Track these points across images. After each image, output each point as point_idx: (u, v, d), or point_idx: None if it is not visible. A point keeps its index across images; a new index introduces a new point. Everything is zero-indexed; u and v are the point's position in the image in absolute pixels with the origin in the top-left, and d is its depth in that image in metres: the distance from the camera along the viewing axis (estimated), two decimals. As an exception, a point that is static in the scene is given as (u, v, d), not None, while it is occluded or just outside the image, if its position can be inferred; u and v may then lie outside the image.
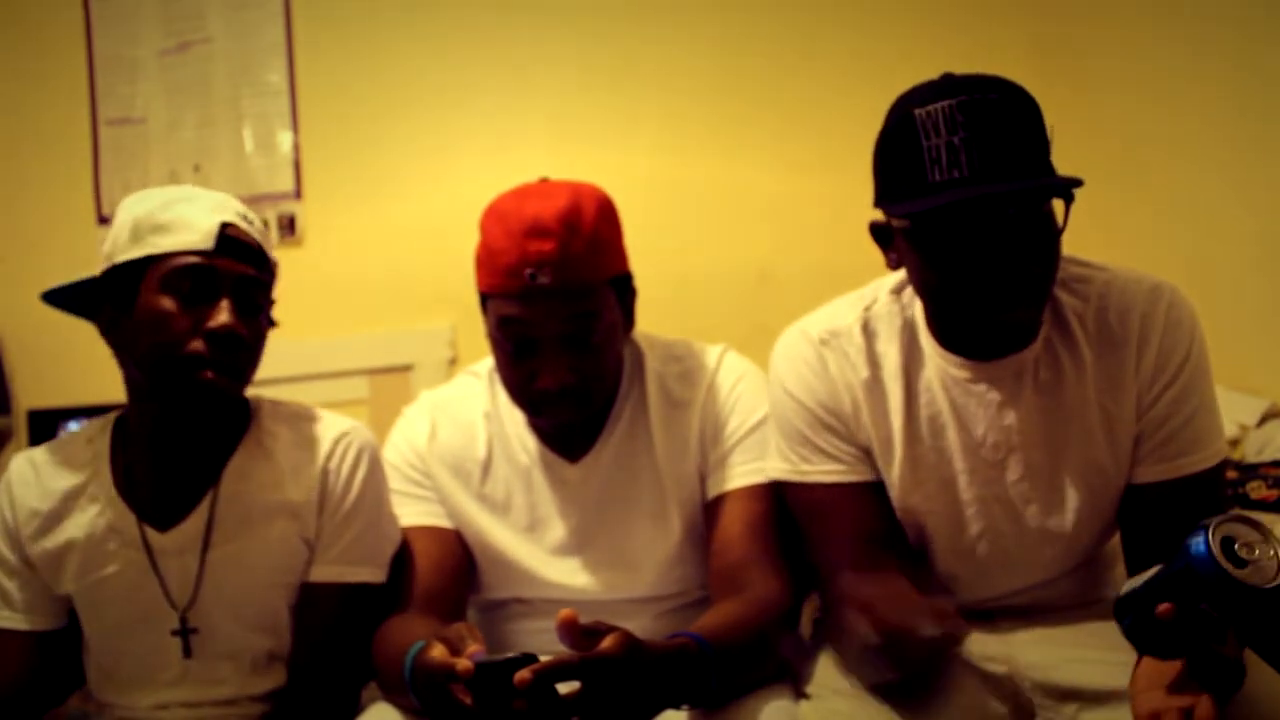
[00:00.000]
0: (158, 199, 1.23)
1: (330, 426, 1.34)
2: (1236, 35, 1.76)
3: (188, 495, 1.27)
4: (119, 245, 1.22)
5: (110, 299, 1.23)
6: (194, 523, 1.26)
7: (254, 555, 1.27)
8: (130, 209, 1.23)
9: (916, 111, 1.08)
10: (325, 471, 1.30)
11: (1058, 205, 1.12)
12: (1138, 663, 1.00)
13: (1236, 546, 0.85)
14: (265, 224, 1.30)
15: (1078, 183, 1.07)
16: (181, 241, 1.20)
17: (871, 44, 2.34)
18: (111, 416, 1.33)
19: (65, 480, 1.28)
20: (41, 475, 1.29)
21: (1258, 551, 0.85)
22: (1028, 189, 1.07)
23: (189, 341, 1.19)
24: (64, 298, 1.26)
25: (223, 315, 1.19)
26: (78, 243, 2.45)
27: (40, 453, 1.32)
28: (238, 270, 1.22)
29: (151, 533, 1.26)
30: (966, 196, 1.04)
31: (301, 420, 1.34)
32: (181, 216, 1.21)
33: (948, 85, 1.09)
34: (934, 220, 1.09)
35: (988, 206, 1.06)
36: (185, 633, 1.26)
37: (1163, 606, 0.88)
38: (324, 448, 1.31)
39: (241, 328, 1.21)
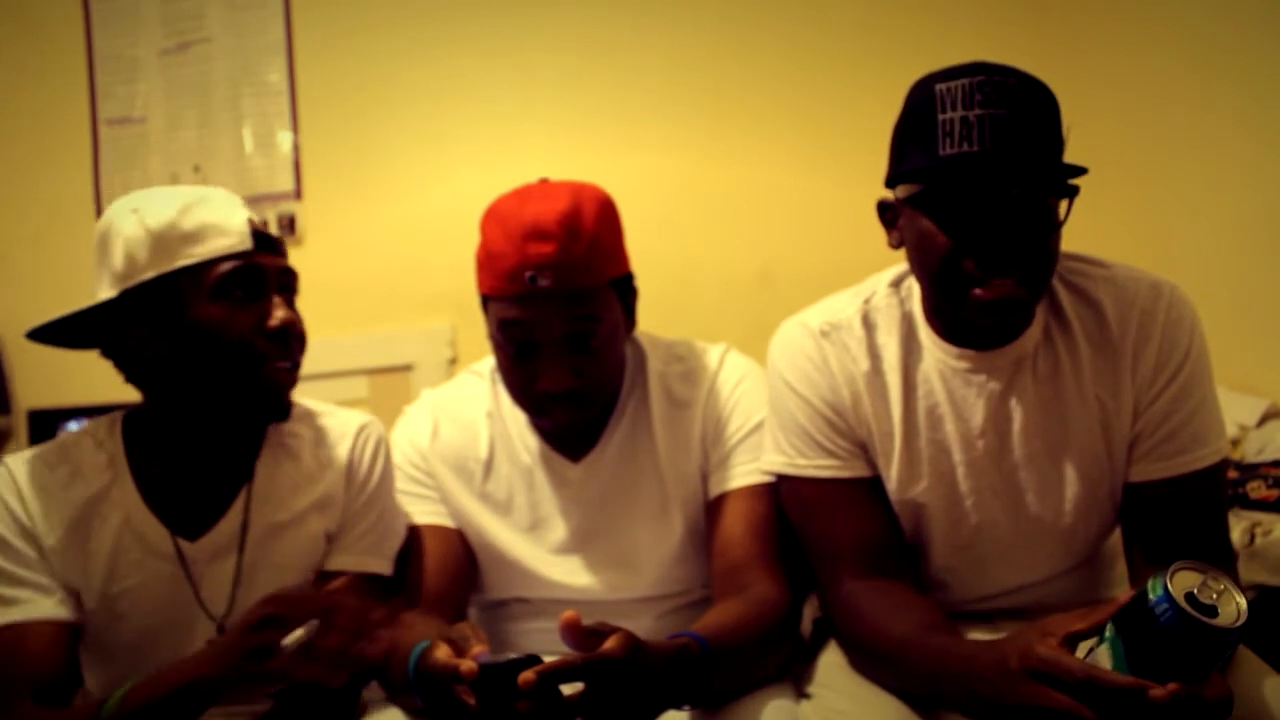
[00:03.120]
0: (169, 208, 1.18)
1: (349, 420, 1.35)
2: (1244, 27, 1.76)
3: (214, 502, 1.26)
4: (139, 263, 1.17)
5: (141, 319, 1.19)
6: (225, 529, 1.25)
7: (285, 557, 1.27)
8: (138, 223, 1.18)
9: (937, 86, 1.10)
10: (350, 464, 1.31)
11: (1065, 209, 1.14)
12: None
13: (1198, 595, 0.84)
14: (265, 224, 1.29)
15: (1083, 170, 1.08)
16: (220, 246, 1.18)
17: (874, 45, 2.35)
18: (117, 418, 1.30)
19: (83, 488, 1.24)
20: (57, 482, 1.25)
21: (1214, 592, 0.84)
22: (1037, 169, 1.08)
23: (256, 342, 1.19)
24: (57, 331, 1.22)
25: (280, 311, 1.21)
26: (77, 243, 2.44)
27: (45, 457, 1.27)
28: (277, 264, 1.23)
29: (181, 541, 1.24)
30: (973, 163, 1.06)
31: (319, 417, 1.35)
32: (208, 221, 1.18)
33: (972, 66, 1.10)
34: (941, 184, 1.11)
35: (994, 179, 1.08)
36: None
37: (1172, 688, 0.84)
38: (347, 441, 1.32)
39: (296, 320, 1.23)
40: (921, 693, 1.13)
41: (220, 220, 1.19)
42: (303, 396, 1.38)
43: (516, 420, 1.42)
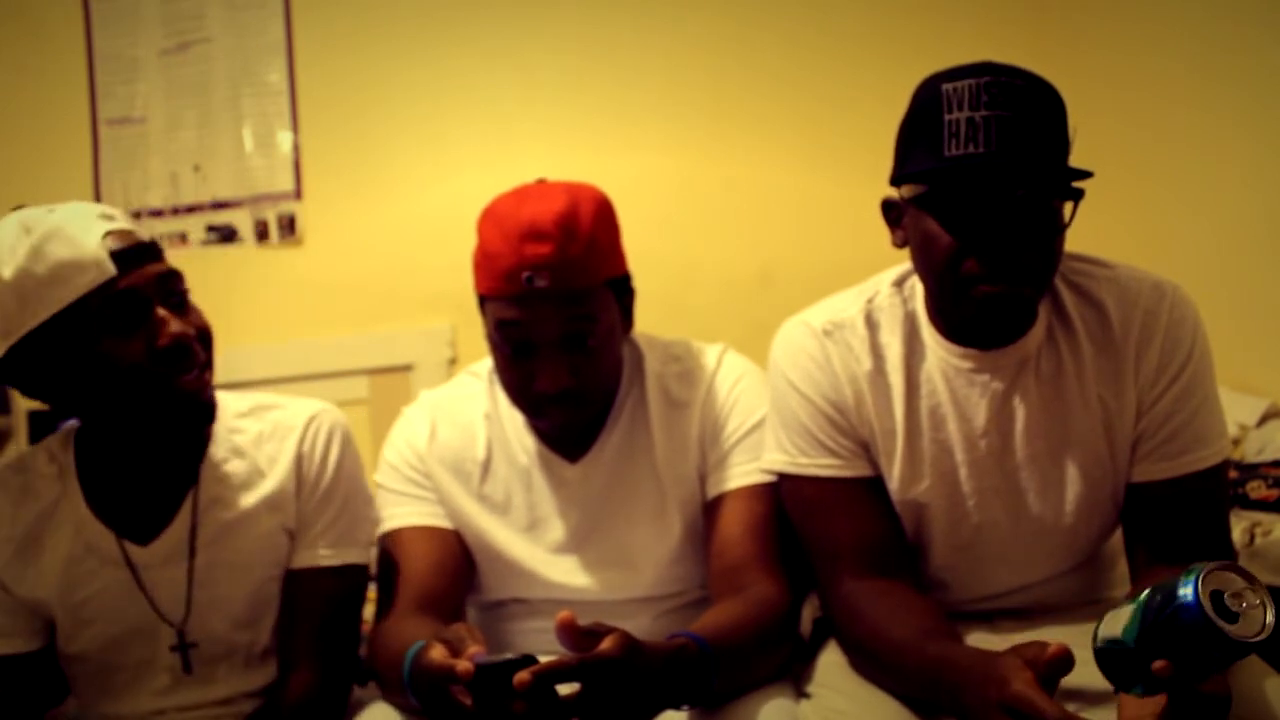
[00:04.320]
0: (19, 254, 1.10)
1: (298, 411, 1.32)
2: (1244, 27, 1.76)
3: (163, 506, 1.26)
4: (11, 317, 1.11)
5: (35, 372, 1.16)
6: (175, 532, 1.25)
7: (242, 555, 1.26)
8: None
9: (944, 86, 1.09)
10: (299, 457, 1.29)
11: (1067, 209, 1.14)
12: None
13: (1226, 598, 0.83)
14: (265, 224, 1.29)
15: (1089, 174, 1.08)
16: (82, 284, 1.10)
17: (874, 45, 2.35)
18: (70, 430, 1.30)
19: (34, 503, 1.25)
20: (8, 499, 1.25)
21: (1245, 602, 0.84)
22: (1042, 171, 1.08)
23: (151, 366, 1.15)
24: None
25: (171, 326, 1.15)
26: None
27: (1, 474, 1.28)
28: (152, 274, 1.16)
29: (132, 548, 1.24)
30: (977, 162, 1.06)
31: (266, 410, 1.32)
32: (61, 258, 1.10)
33: (980, 66, 1.10)
34: (946, 184, 1.11)
35: (1000, 180, 1.08)
36: (184, 648, 1.25)
37: (1159, 665, 0.86)
38: (295, 433, 1.30)
39: (188, 326, 1.17)
40: (920, 696, 1.13)
41: (72, 255, 1.10)
42: (302, 396, 1.38)
43: (514, 421, 1.42)
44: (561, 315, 1.26)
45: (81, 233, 1.13)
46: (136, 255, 1.15)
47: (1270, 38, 1.69)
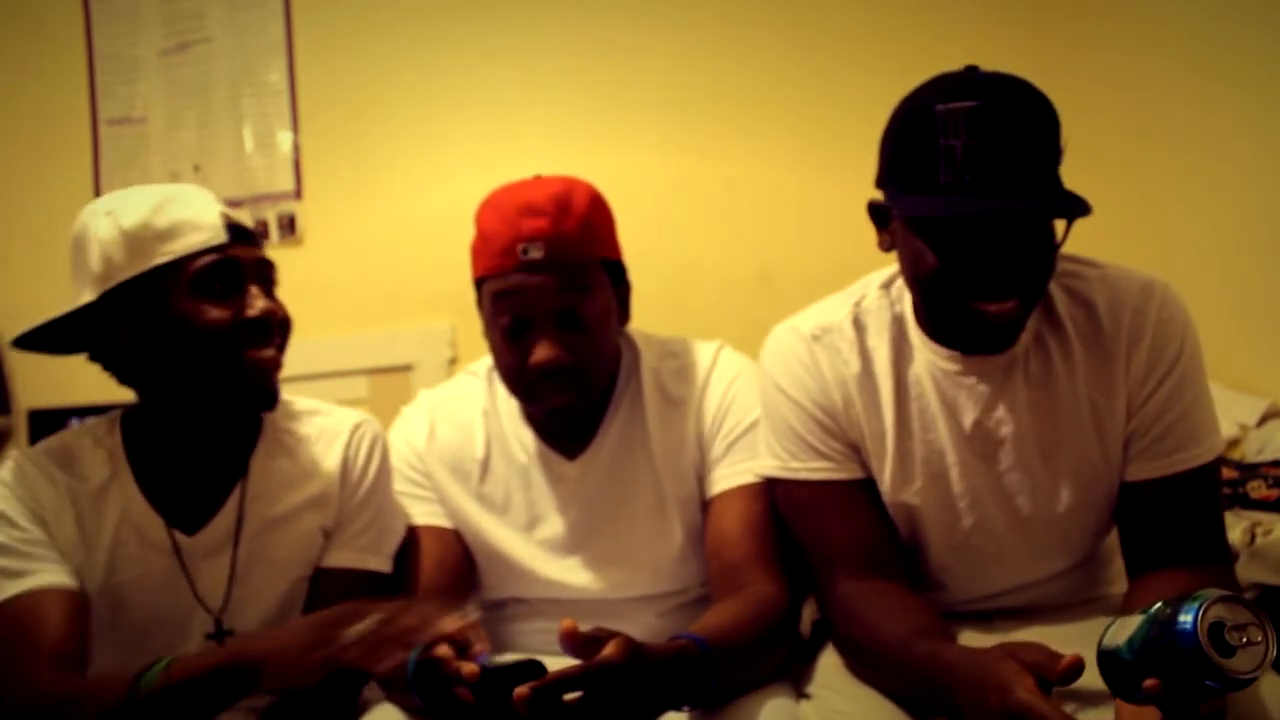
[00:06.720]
0: (143, 207, 1.19)
1: (344, 418, 1.36)
2: (1244, 27, 1.76)
3: (210, 497, 1.28)
4: (116, 264, 1.18)
5: (123, 320, 1.20)
6: (221, 524, 1.27)
7: (282, 551, 1.28)
8: (112, 225, 1.18)
9: (938, 107, 1.07)
10: (344, 461, 1.32)
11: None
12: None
13: (1226, 631, 0.83)
14: (265, 224, 1.30)
15: (1085, 210, 1.07)
16: (195, 241, 1.18)
17: (874, 45, 2.34)
18: (115, 417, 1.32)
19: (83, 483, 1.26)
20: (61, 477, 1.26)
21: (1246, 636, 0.83)
22: (1033, 199, 1.07)
23: (236, 333, 1.20)
24: (42, 338, 1.23)
25: (259, 301, 1.21)
26: (78, 243, 2.44)
27: (52, 453, 1.28)
28: (254, 256, 1.23)
29: (179, 535, 1.26)
30: (971, 209, 1.05)
31: (314, 415, 1.36)
32: (182, 217, 1.19)
33: (972, 85, 1.08)
34: (938, 220, 1.10)
35: (989, 209, 1.07)
36: (220, 635, 1.26)
37: (1149, 683, 0.86)
38: (342, 438, 1.33)
39: (277, 308, 1.24)
40: (915, 696, 1.13)
41: (194, 216, 1.19)
42: (302, 396, 1.39)
43: (512, 418, 1.42)
44: (555, 286, 1.28)
45: (203, 202, 1.23)
46: (245, 235, 1.23)
47: (1270, 38, 1.69)
